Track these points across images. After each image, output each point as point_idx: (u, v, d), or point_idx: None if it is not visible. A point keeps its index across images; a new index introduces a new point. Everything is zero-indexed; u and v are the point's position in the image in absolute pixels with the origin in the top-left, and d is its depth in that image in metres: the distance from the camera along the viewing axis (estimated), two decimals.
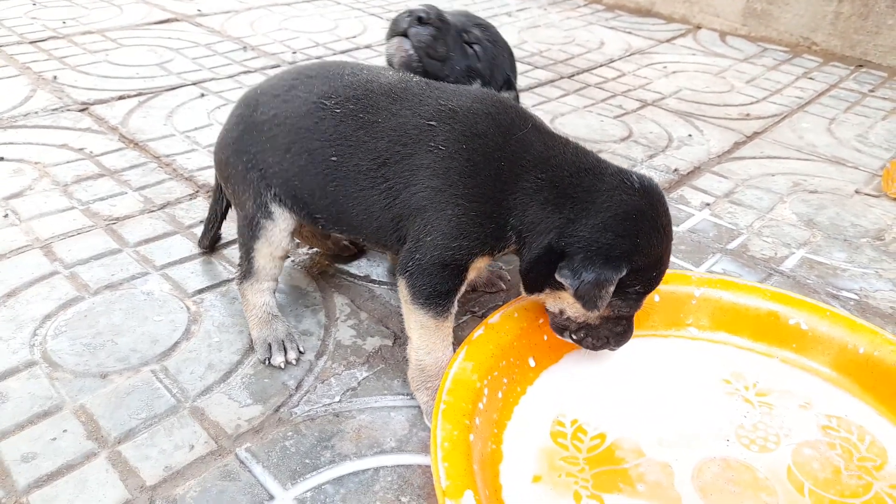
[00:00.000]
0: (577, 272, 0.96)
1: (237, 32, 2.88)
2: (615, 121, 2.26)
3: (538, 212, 1.01)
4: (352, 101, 1.08)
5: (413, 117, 1.05)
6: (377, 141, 1.05)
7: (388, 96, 1.08)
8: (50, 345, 1.18)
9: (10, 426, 1.03)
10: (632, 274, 0.99)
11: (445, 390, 1.00)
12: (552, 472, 0.98)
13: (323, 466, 0.99)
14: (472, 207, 1.01)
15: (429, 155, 1.02)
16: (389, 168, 1.04)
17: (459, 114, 1.05)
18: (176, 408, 1.08)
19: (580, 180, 1.01)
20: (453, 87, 1.13)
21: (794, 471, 1.01)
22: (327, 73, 1.13)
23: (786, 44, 3.15)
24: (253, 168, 1.12)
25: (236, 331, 1.24)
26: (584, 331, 1.09)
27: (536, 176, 1.02)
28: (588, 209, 0.98)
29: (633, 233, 0.98)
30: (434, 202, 1.01)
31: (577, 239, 0.98)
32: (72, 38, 2.67)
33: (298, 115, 1.09)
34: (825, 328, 1.21)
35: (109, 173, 1.73)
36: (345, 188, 1.07)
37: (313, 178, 1.09)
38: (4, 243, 1.43)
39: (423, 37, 1.24)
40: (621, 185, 1.00)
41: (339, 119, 1.07)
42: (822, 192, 1.87)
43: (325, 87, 1.10)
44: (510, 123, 1.05)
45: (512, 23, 3.29)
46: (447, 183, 1.01)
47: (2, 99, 2.10)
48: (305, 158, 1.08)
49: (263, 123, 1.12)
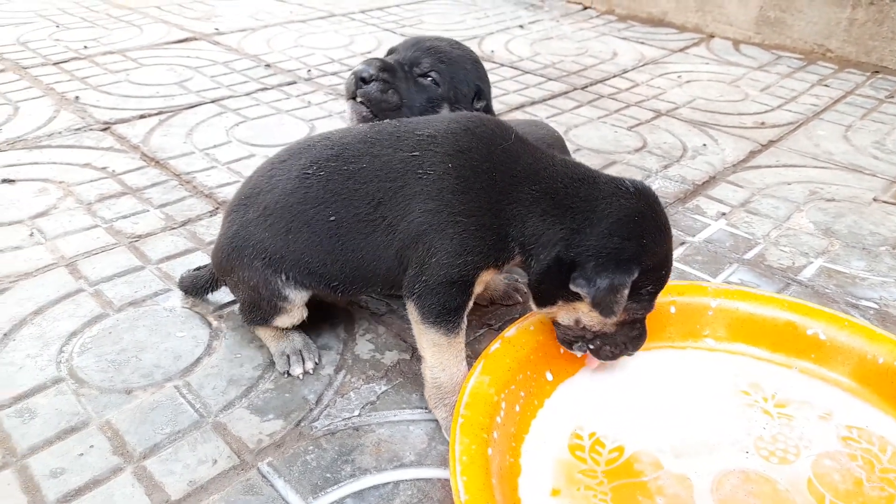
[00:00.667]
0: (591, 280, 0.97)
1: (254, 50, 2.93)
2: (629, 131, 2.27)
3: (538, 223, 1.02)
4: (331, 160, 1.10)
5: (395, 153, 1.07)
6: (367, 185, 1.06)
7: (364, 143, 1.10)
8: (76, 361, 1.21)
9: (38, 442, 1.05)
10: (643, 275, 1.00)
11: (463, 404, 1.01)
12: (571, 485, 0.99)
13: (344, 480, 1.01)
14: (472, 222, 1.02)
15: (419, 182, 1.04)
16: (385, 206, 1.06)
17: (438, 137, 1.07)
18: (199, 423, 1.10)
19: (576, 190, 1.02)
20: (426, 117, 1.16)
21: (815, 483, 1.01)
22: (298, 150, 1.15)
23: (800, 51, 3.14)
24: (256, 257, 1.13)
25: (256, 346, 1.26)
26: (599, 339, 1.09)
27: (531, 188, 1.03)
28: (590, 218, 1.00)
29: (639, 234, 1.00)
30: (433, 224, 1.03)
31: (585, 248, 0.99)
32: (93, 59, 2.73)
33: (286, 195, 1.10)
34: (844, 338, 1.21)
35: (131, 191, 1.76)
36: (351, 242, 1.08)
37: (319, 246, 1.10)
38: (31, 262, 1.47)
39: (371, 94, 1.29)
40: (616, 190, 1.02)
41: (325, 180, 1.09)
42: (840, 201, 1.86)
43: (301, 161, 1.12)
44: (491, 135, 1.07)
45: (525, 35, 3.31)
46: (442, 203, 1.03)
47: (27, 119, 2.16)
48: (307, 231, 1.09)
49: (257, 218, 1.13)
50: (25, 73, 2.55)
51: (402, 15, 3.61)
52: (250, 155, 1.98)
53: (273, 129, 2.17)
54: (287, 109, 2.32)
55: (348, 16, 3.55)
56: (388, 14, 3.61)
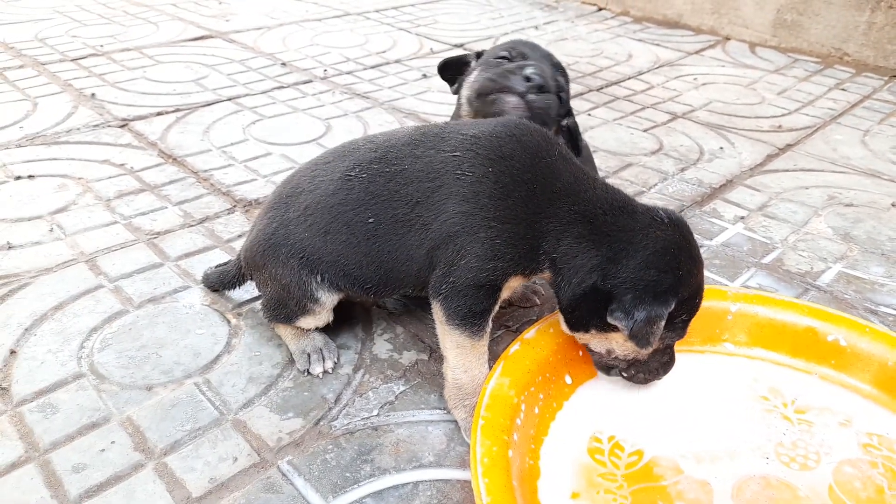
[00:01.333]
0: (629, 313, 0.97)
1: (270, 48, 2.94)
2: (645, 134, 2.26)
3: (573, 245, 1.02)
4: (375, 162, 1.10)
5: (437, 154, 1.07)
6: (408, 186, 1.06)
7: (409, 145, 1.10)
8: (97, 357, 1.21)
9: (60, 437, 1.06)
10: (678, 305, 1.00)
11: (484, 406, 1.01)
12: (590, 488, 0.99)
13: (363, 480, 1.01)
14: (505, 229, 1.02)
15: (457, 182, 1.04)
16: (421, 206, 1.05)
17: (482, 139, 1.06)
18: (219, 420, 1.10)
19: (615, 219, 1.02)
20: (474, 121, 1.14)
21: (836, 489, 1.00)
22: (343, 152, 1.16)
23: (817, 55, 3.12)
24: (293, 256, 1.13)
25: (275, 344, 1.27)
26: (633, 367, 1.10)
27: (570, 207, 1.03)
28: (627, 249, 0.99)
29: (675, 266, 1.00)
30: (466, 227, 1.02)
31: (622, 280, 0.98)
32: (111, 56, 2.75)
33: (328, 196, 1.11)
34: (865, 344, 1.20)
35: (150, 188, 1.77)
36: (388, 243, 1.08)
37: (356, 248, 1.10)
38: (51, 257, 1.48)
39: (540, 104, 1.25)
40: (652, 222, 1.02)
41: (367, 182, 1.09)
42: (858, 206, 1.85)
43: (345, 163, 1.13)
44: (536, 146, 1.06)
45: (540, 36, 3.31)
46: (478, 206, 1.02)
47: (46, 115, 2.17)
48: (345, 232, 1.10)
49: (297, 217, 1.13)
50: (44, 70, 2.57)
51: (416, 14, 3.61)
52: (267, 153, 1.99)
53: (289, 127, 2.18)
54: (303, 108, 2.33)
55: (363, 15, 3.56)
56: (402, 13, 3.62)
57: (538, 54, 1.35)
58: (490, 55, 1.37)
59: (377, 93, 2.50)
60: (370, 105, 2.38)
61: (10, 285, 1.39)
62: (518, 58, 1.31)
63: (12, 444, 1.04)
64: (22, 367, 1.19)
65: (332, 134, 2.14)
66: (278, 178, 1.85)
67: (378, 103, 2.40)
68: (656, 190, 1.89)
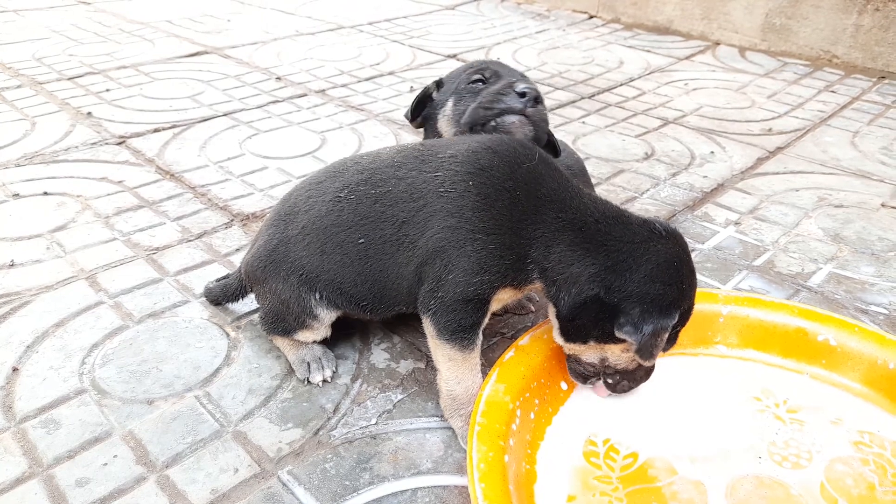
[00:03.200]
0: (638, 326, 0.99)
1: (264, 63, 2.97)
2: (637, 140, 2.28)
3: (567, 252, 1.02)
4: (362, 184, 1.13)
5: (420, 175, 1.09)
6: (393, 207, 1.09)
7: (392, 167, 1.13)
8: (98, 373, 1.23)
9: (63, 452, 1.08)
10: (679, 317, 1.02)
11: (479, 412, 1.02)
12: (586, 491, 1.00)
13: (363, 488, 1.02)
14: (490, 240, 1.03)
15: (440, 200, 1.06)
16: (408, 225, 1.08)
17: (460, 156, 1.09)
18: (219, 432, 1.12)
19: (609, 228, 1.03)
20: (450, 139, 1.17)
21: (828, 487, 1.02)
22: (333, 172, 1.19)
23: (806, 58, 3.16)
24: (293, 273, 1.17)
25: (273, 356, 1.29)
26: (619, 375, 1.11)
27: (556, 213, 1.04)
28: (628, 261, 1.00)
29: (678, 279, 1.01)
30: (451, 241, 1.04)
31: (628, 293, 0.99)
32: (107, 74, 2.78)
33: (321, 217, 1.14)
34: (855, 344, 1.22)
35: (148, 204, 1.80)
36: (378, 262, 1.11)
37: (350, 268, 1.13)
38: (51, 274, 1.50)
39: (539, 115, 1.26)
40: (651, 234, 1.03)
41: (355, 204, 1.12)
42: (848, 207, 1.87)
43: (335, 183, 1.16)
44: (513, 154, 1.08)
45: (532, 45, 3.34)
46: (462, 220, 1.04)
47: (44, 134, 2.20)
48: (339, 252, 1.13)
49: (296, 235, 1.17)
50: (41, 89, 2.59)
51: (409, 26, 3.64)
52: (263, 167, 2.01)
53: (285, 141, 2.20)
54: (298, 122, 2.35)
55: (356, 28, 3.59)
56: (395, 25, 3.65)
57: (509, 70, 1.35)
58: (459, 82, 1.34)
59: (371, 105, 2.52)
60: (365, 117, 2.40)
61: (11, 303, 1.40)
62: (493, 77, 1.32)
63: (16, 461, 1.06)
64: (24, 384, 1.20)
65: (328, 147, 2.16)
66: (275, 191, 1.87)
67: (373, 115, 2.42)
68: (648, 195, 1.91)
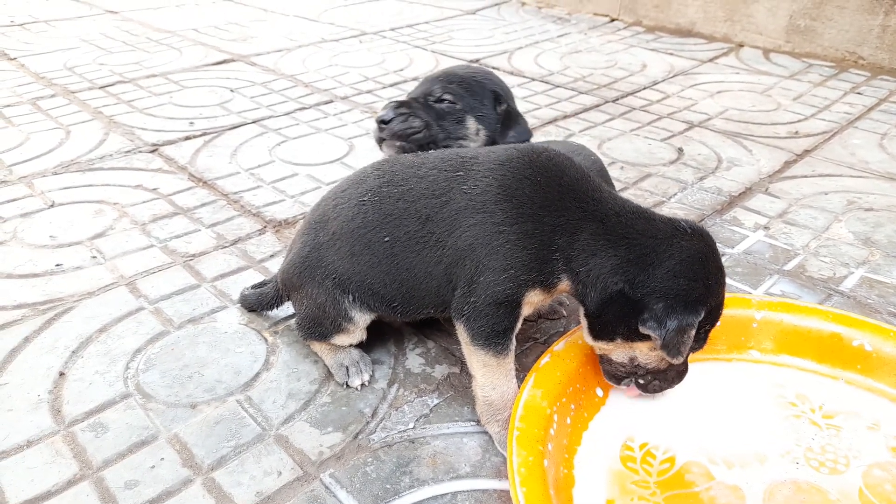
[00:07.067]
0: (661, 322, 0.99)
1: (290, 70, 3.00)
2: (663, 143, 2.29)
3: (590, 242, 1.04)
4: (384, 186, 1.17)
5: (441, 172, 1.13)
6: (416, 203, 1.12)
7: (412, 167, 1.17)
8: (142, 377, 1.26)
9: (112, 455, 1.11)
10: (706, 314, 1.02)
11: (518, 417, 1.04)
12: (624, 495, 1.02)
13: (403, 491, 1.04)
14: (514, 230, 1.05)
15: (464, 197, 1.09)
16: (432, 222, 1.11)
17: (480, 156, 1.13)
18: (262, 436, 1.14)
19: (632, 222, 1.04)
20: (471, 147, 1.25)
21: (866, 492, 1.02)
22: (356, 180, 1.23)
23: (831, 59, 3.13)
24: (328, 277, 1.20)
25: (311, 361, 1.31)
26: (651, 375, 1.11)
27: (578, 205, 1.06)
28: (650, 256, 1.02)
29: (704, 276, 1.02)
30: (479, 238, 1.06)
31: (651, 289, 1.01)
32: (137, 82, 2.83)
33: (348, 221, 1.18)
34: (890, 349, 1.22)
35: (183, 211, 1.83)
36: (405, 260, 1.14)
37: (378, 267, 1.16)
38: (93, 281, 1.54)
39: (395, 129, 1.41)
40: (676, 231, 1.04)
41: (377, 205, 1.16)
42: (878, 210, 1.86)
43: (358, 190, 1.20)
44: (532, 148, 1.13)
45: (554, 49, 3.35)
46: (486, 214, 1.07)
47: (79, 143, 2.25)
48: (368, 254, 1.16)
49: (327, 241, 1.20)
50: (74, 98, 2.65)
51: (431, 32, 3.67)
52: (293, 174, 2.05)
53: (313, 147, 2.23)
54: (326, 128, 2.38)
55: (379, 34, 3.62)
56: (417, 31, 3.68)
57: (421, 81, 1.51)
58: None
59: None
60: None
61: (55, 309, 1.44)
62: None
63: (67, 463, 1.09)
64: (71, 389, 1.24)
65: (356, 153, 2.19)
66: (306, 198, 1.90)
67: None
68: (676, 199, 1.91)
